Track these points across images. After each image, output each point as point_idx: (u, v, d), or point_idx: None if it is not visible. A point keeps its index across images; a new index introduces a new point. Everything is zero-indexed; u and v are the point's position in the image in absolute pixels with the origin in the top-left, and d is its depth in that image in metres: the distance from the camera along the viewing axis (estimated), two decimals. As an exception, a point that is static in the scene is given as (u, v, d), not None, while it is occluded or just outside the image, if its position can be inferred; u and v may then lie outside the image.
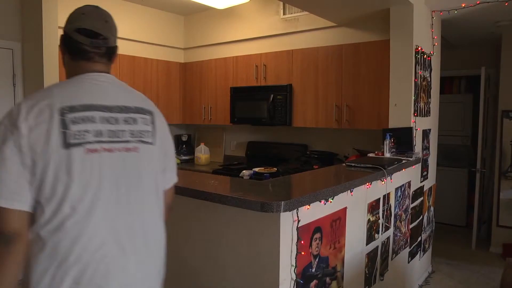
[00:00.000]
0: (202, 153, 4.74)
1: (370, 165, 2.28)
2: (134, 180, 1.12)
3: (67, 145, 0.99)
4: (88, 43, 1.13)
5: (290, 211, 1.46)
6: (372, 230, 2.27)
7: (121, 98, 1.15)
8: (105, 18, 1.17)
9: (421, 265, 3.44)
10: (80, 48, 1.13)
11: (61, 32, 1.20)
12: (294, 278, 1.56)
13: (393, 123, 3.01)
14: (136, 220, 1.12)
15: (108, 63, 1.20)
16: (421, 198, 3.28)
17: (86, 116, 1.04)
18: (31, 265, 1.00)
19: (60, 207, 0.98)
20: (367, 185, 2.15)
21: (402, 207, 2.79)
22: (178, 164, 4.82)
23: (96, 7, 1.18)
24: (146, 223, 1.15)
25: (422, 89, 3.15)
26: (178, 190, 1.77)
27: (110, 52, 1.19)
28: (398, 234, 2.72)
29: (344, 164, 2.49)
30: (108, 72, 1.19)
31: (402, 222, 2.79)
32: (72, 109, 1.02)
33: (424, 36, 3.19)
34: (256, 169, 3.81)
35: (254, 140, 4.68)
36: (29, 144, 0.97)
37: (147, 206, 1.16)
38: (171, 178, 1.32)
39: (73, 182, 0.99)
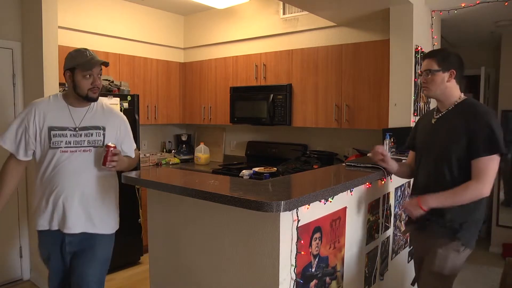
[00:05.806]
0: (201, 153, 4.75)
1: (370, 165, 2.28)
2: None
3: None
4: None
5: (290, 210, 1.46)
6: (372, 230, 2.27)
7: None
8: None
9: (421, 265, 3.44)
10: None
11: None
12: (294, 277, 1.56)
13: (393, 123, 3.01)
14: None
15: None
16: (421, 198, 3.27)
17: None
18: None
19: None
20: (367, 185, 2.15)
21: (402, 207, 2.79)
22: (177, 163, 4.82)
23: None
24: None
25: (422, 89, 3.15)
26: (178, 189, 1.77)
27: None
28: (398, 234, 2.72)
29: (344, 164, 2.49)
30: None
31: (402, 222, 2.79)
32: None
33: (424, 36, 3.19)
34: (256, 169, 3.82)
35: (254, 140, 4.68)
36: None
37: None
38: None
39: None
